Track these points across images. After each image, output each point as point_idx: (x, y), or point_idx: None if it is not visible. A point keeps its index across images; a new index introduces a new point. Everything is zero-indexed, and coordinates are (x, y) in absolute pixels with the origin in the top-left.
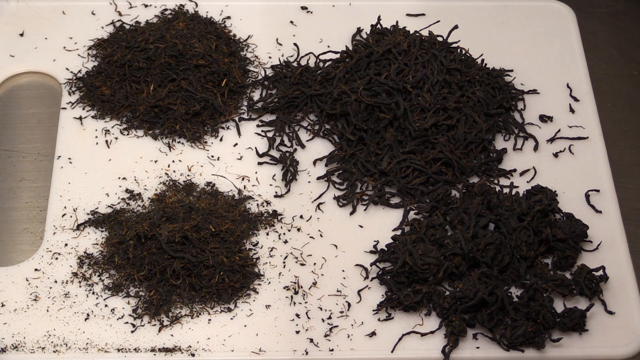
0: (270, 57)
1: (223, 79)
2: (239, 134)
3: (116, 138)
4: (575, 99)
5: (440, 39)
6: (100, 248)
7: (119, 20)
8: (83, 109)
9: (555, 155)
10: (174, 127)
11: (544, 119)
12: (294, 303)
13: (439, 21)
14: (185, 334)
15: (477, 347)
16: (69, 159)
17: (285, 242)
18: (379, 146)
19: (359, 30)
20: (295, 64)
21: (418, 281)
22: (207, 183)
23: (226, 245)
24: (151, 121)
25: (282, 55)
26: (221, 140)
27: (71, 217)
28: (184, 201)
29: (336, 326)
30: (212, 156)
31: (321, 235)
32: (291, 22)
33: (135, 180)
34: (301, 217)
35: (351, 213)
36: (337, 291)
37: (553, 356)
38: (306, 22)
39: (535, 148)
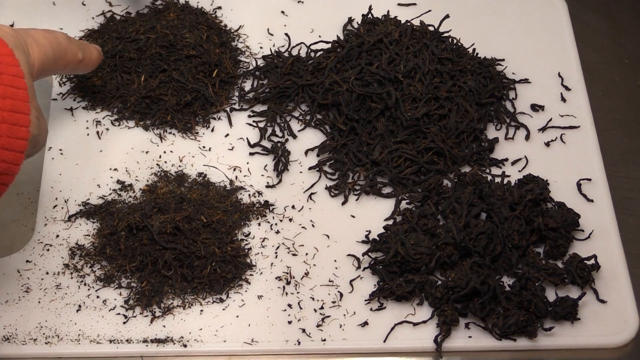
0: (261, 47)
1: (214, 70)
2: (231, 124)
3: (107, 129)
4: (567, 88)
5: (431, 28)
6: (91, 239)
7: (109, 11)
8: (74, 100)
9: (547, 144)
10: (165, 117)
11: (536, 108)
12: (286, 293)
13: (430, 11)
14: (177, 324)
15: (470, 337)
16: (60, 150)
17: (277, 232)
18: (371, 136)
19: (350, 20)
20: (286, 54)
21: (410, 271)
22: (198, 174)
23: (218, 236)
24: (142, 112)
25: (274, 46)
26: (212, 130)
27: (62, 208)
28: (176, 192)
29: (328, 316)
30: (204, 147)
31: (313, 226)
32: (282, 12)
33: (126, 171)
34: (293, 207)
35: (343, 203)
36: (329, 281)
37: (545, 345)
38: (297, 12)
39: (527, 137)
